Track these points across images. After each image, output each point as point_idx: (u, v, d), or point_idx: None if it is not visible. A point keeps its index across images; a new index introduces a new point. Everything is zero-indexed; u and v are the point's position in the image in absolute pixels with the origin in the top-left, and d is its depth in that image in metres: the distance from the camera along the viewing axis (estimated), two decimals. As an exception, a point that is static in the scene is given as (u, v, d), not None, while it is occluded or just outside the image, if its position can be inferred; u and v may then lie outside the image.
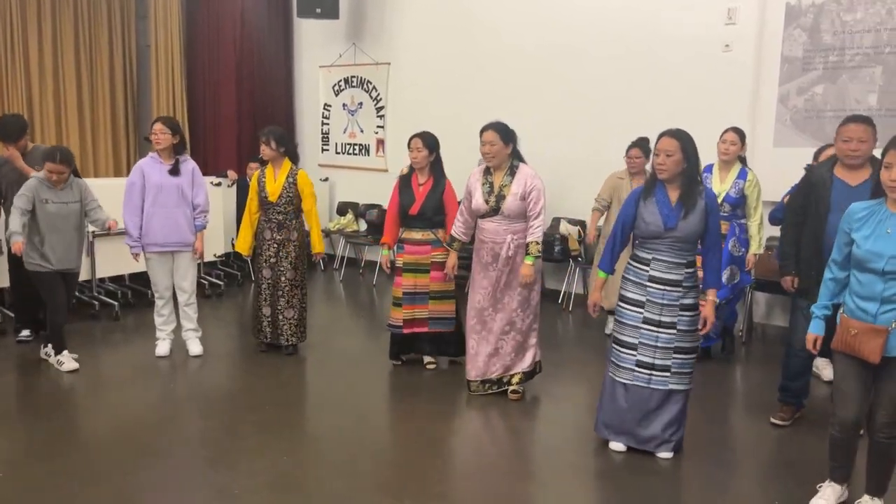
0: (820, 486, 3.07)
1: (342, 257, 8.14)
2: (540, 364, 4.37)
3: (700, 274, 3.50)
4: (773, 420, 3.94)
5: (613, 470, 3.42)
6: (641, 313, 3.41)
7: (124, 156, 8.39)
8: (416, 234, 4.64)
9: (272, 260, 4.89)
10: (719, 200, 4.81)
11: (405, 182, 4.70)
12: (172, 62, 8.22)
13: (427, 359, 4.81)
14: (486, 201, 4.13)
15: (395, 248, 4.77)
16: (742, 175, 4.77)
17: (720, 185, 4.81)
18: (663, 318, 3.38)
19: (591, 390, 4.58)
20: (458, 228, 4.36)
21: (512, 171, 4.14)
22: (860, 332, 2.73)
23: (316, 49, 8.58)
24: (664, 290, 3.37)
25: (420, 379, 4.65)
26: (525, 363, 4.28)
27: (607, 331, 5.75)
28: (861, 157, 3.62)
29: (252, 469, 3.33)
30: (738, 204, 4.77)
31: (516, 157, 4.21)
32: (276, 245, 4.88)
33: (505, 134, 4.12)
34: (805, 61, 5.62)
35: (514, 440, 3.86)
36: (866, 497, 2.94)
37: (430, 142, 4.63)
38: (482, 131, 4.15)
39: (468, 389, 4.31)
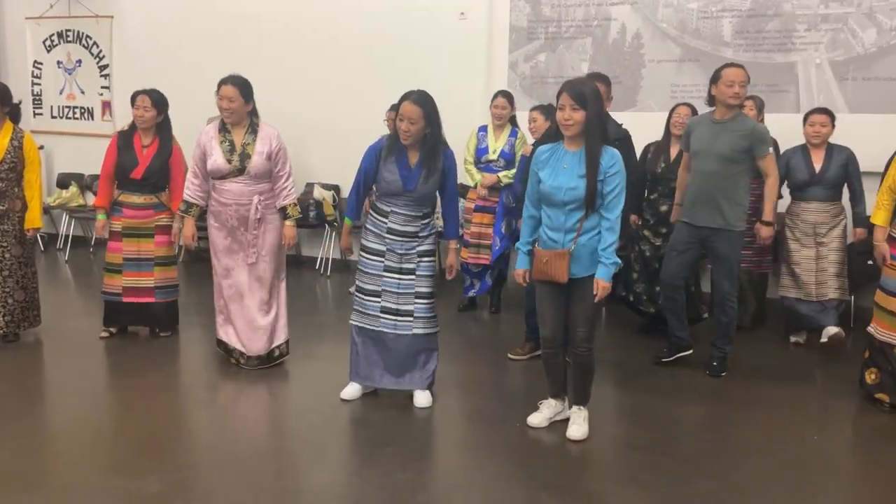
0: (540, 403, 3.41)
1: (66, 236, 7.20)
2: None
3: (440, 223, 3.66)
4: (510, 356, 4.31)
5: (372, 417, 3.47)
6: (382, 262, 3.51)
7: None
8: (137, 199, 4.36)
9: None
10: (495, 157, 5.16)
11: (125, 141, 4.35)
12: None
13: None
14: (229, 161, 3.88)
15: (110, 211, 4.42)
16: (513, 133, 5.20)
17: (495, 142, 5.21)
18: (403, 266, 3.50)
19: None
20: (193, 192, 3.98)
21: (254, 129, 3.94)
22: (550, 259, 3.10)
23: (19, -4, 7.43)
24: (402, 241, 3.49)
25: (164, 355, 4.30)
26: (285, 331, 4.11)
27: (352, 289, 5.84)
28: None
29: (-43, 471, 2.83)
30: (512, 159, 5.13)
31: (255, 114, 4.01)
32: None
33: (245, 89, 3.91)
34: (529, 31, 6.12)
35: (272, 404, 3.75)
36: (574, 407, 3.32)
37: (158, 100, 4.33)
38: (220, 85, 3.89)
39: (239, 365, 4.03)
